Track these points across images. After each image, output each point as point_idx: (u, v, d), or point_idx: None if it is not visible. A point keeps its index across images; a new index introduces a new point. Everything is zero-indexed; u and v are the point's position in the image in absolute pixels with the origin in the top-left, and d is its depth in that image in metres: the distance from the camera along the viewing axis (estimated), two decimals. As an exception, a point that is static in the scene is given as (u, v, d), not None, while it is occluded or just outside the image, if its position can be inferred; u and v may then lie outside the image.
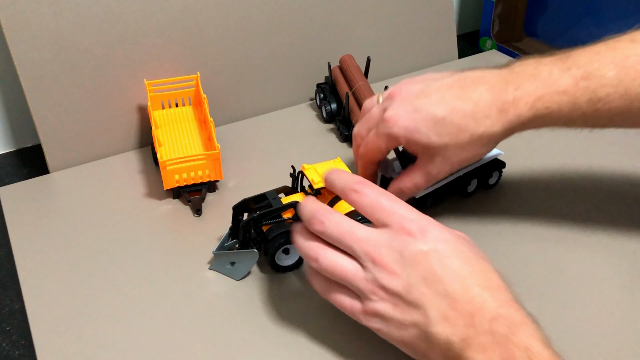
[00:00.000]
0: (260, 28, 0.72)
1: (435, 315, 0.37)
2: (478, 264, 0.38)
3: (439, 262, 0.37)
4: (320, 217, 0.41)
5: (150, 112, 0.63)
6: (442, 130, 0.45)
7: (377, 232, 0.39)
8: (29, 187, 0.62)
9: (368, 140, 0.50)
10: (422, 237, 0.38)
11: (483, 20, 0.94)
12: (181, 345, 0.45)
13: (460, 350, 0.36)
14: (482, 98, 0.45)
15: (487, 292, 0.37)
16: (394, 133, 0.47)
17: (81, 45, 0.62)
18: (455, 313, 0.36)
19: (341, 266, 0.40)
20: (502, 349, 0.35)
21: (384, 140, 0.48)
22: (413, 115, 0.46)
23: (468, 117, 0.45)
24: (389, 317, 0.39)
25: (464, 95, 0.45)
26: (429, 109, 0.46)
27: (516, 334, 0.35)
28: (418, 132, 0.46)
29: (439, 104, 0.45)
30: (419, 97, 0.47)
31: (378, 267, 0.38)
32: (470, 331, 0.36)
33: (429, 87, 0.47)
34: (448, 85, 0.47)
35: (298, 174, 0.53)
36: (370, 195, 0.40)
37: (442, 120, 0.45)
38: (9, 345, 0.48)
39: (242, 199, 0.51)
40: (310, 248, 0.41)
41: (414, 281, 0.37)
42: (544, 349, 0.35)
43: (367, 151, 0.51)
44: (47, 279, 0.51)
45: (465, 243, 0.40)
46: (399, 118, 0.47)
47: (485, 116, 0.45)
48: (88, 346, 0.45)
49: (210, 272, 0.51)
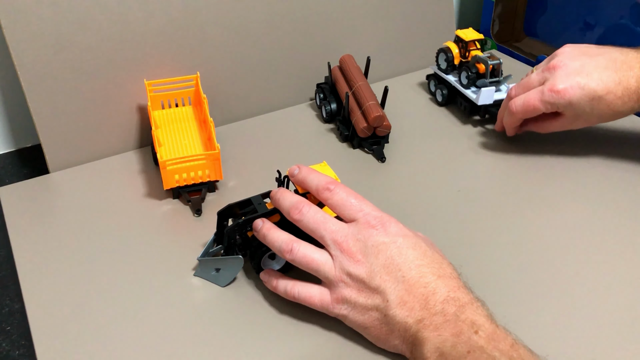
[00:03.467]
0: (261, 28, 0.72)
1: (394, 299, 0.41)
2: (432, 256, 0.43)
3: (398, 252, 0.42)
4: (300, 207, 0.46)
5: (150, 112, 0.63)
6: (596, 106, 0.57)
7: (346, 225, 0.45)
8: (29, 187, 0.62)
9: (528, 98, 0.60)
10: (384, 231, 0.44)
11: (483, 20, 0.94)
12: (181, 346, 0.45)
13: (416, 331, 0.40)
14: (630, 85, 0.56)
15: (440, 280, 0.41)
16: (559, 104, 0.58)
17: (81, 45, 0.62)
18: (411, 297, 0.41)
19: (313, 256, 0.45)
20: (451, 325, 0.39)
21: (547, 106, 0.59)
22: (578, 92, 0.57)
23: (618, 98, 0.57)
24: (354, 302, 0.43)
25: (617, 79, 0.57)
26: (590, 87, 0.57)
27: (464, 312, 0.39)
28: (579, 106, 0.58)
29: (598, 84, 0.57)
30: (579, 74, 0.57)
31: (345, 255, 0.43)
32: (424, 313, 0.40)
33: (587, 65, 0.58)
34: (604, 67, 0.57)
35: (284, 178, 0.53)
36: (341, 194, 0.46)
37: (599, 99, 0.57)
38: (9, 345, 0.48)
39: (227, 205, 0.51)
40: (284, 241, 0.46)
41: (376, 268, 0.42)
42: (487, 322, 0.39)
43: (524, 109, 0.61)
44: (47, 279, 0.51)
45: (422, 238, 0.45)
46: (566, 92, 0.57)
47: (629, 99, 0.57)
48: (88, 346, 0.45)
49: (198, 277, 0.51)
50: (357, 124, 0.66)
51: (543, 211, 0.58)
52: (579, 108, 0.58)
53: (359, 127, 0.66)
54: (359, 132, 0.66)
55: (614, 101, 0.57)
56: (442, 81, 0.76)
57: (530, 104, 0.60)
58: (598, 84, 0.57)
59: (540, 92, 0.59)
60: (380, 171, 0.65)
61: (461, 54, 0.73)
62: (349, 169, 0.64)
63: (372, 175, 0.64)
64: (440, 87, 0.76)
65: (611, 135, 0.69)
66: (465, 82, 0.71)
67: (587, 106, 0.58)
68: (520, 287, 0.50)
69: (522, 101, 0.61)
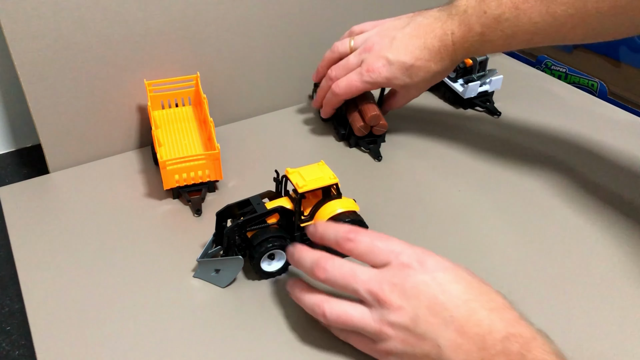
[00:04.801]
0: (260, 28, 0.72)
1: (446, 344, 0.37)
2: (479, 287, 0.39)
3: (441, 289, 0.38)
4: (322, 264, 0.42)
5: (150, 112, 0.63)
6: (412, 74, 0.61)
7: (377, 271, 0.41)
8: (29, 187, 0.62)
9: (350, 80, 0.63)
10: (421, 268, 0.39)
11: (483, 20, 0.94)
12: (181, 346, 0.45)
13: None
14: (434, 45, 0.59)
15: (494, 313, 0.37)
16: (377, 81, 0.62)
17: (81, 45, 0.62)
18: (465, 339, 0.36)
19: (348, 314, 0.41)
20: None
21: (367, 85, 0.62)
22: (390, 67, 0.61)
23: (428, 61, 0.59)
24: (402, 353, 0.39)
25: (422, 45, 0.59)
26: (399, 59, 0.60)
27: (530, 351, 0.35)
28: (396, 78, 0.61)
29: (406, 54, 0.60)
30: (389, 50, 0.61)
31: (383, 305, 0.39)
32: (484, 354, 0.36)
33: (395, 38, 0.61)
34: (410, 35, 0.60)
35: (282, 178, 0.53)
36: (365, 241, 0.42)
37: (410, 67, 0.60)
38: (9, 345, 0.48)
39: (226, 205, 0.51)
40: (315, 304, 0.42)
41: (420, 312, 0.38)
42: None
43: (347, 90, 0.64)
44: (47, 279, 0.51)
45: (463, 269, 0.40)
46: (381, 70, 0.61)
47: (440, 58, 0.59)
48: (87, 346, 0.45)
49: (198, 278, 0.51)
50: (354, 123, 0.66)
51: (547, 209, 0.58)
52: (399, 80, 0.61)
53: (355, 126, 0.66)
54: (355, 131, 0.67)
55: (426, 65, 0.60)
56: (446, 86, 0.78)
57: (353, 85, 0.63)
58: (405, 53, 0.60)
59: (359, 74, 0.62)
60: (377, 170, 0.65)
61: None
62: (345, 168, 0.64)
63: (368, 174, 0.64)
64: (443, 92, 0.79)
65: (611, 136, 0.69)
66: (453, 76, 0.75)
67: (405, 76, 0.61)
68: (522, 286, 0.50)
69: (344, 83, 0.63)
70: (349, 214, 0.51)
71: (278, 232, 0.50)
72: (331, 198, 0.52)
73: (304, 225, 0.51)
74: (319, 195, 0.52)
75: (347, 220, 0.50)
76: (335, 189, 0.52)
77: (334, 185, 0.52)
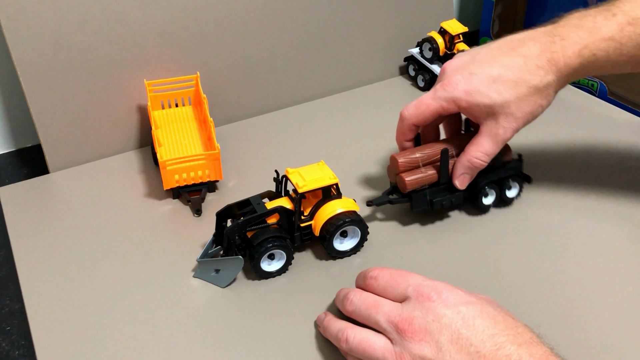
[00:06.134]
0: (261, 28, 0.72)
1: None
2: (505, 321, 0.37)
3: (464, 323, 0.37)
4: (350, 296, 0.43)
5: (150, 112, 0.63)
6: (500, 87, 0.48)
7: (399, 304, 0.40)
8: (29, 187, 0.62)
9: (420, 99, 0.51)
10: (442, 301, 0.38)
11: (483, 20, 0.94)
12: (181, 346, 0.45)
13: None
14: (531, 52, 0.48)
15: (522, 348, 0.35)
16: (455, 97, 0.49)
17: (81, 45, 0.62)
18: None
19: (371, 342, 0.40)
20: None
21: (443, 103, 0.50)
22: (471, 78, 0.49)
23: (522, 70, 0.48)
24: None
25: (514, 53, 0.48)
26: (483, 70, 0.48)
27: None
28: (479, 92, 0.48)
29: (492, 64, 0.48)
30: (470, 64, 0.50)
31: (404, 336, 0.38)
32: None
33: (478, 54, 0.50)
34: (496, 48, 0.50)
35: (282, 178, 0.53)
36: (384, 276, 0.42)
37: (498, 78, 0.48)
38: (9, 345, 0.48)
39: (226, 205, 0.51)
40: (340, 329, 0.42)
41: (444, 346, 0.37)
42: None
43: (417, 109, 0.52)
44: (47, 279, 0.51)
45: (487, 302, 0.39)
46: (458, 82, 0.49)
47: (537, 67, 0.48)
48: (87, 346, 0.45)
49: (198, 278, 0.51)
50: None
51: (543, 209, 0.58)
52: (485, 98, 0.48)
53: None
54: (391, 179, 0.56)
55: (517, 75, 0.48)
56: (423, 67, 0.79)
57: (423, 102, 0.51)
58: (491, 64, 0.49)
59: (432, 91, 0.51)
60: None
61: (446, 46, 0.76)
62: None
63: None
64: (421, 73, 0.79)
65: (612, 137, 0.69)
66: None
67: (492, 91, 0.48)
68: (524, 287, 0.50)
69: (414, 103, 0.52)
70: (349, 214, 0.51)
71: (278, 232, 0.50)
72: (331, 198, 0.52)
73: (304, 226, 0.51)
74: (319, 195, 0.52)
75: (347, 220, 0.50)
76: (335, 189, 0.52)
77: (334, 185, 0.52)
